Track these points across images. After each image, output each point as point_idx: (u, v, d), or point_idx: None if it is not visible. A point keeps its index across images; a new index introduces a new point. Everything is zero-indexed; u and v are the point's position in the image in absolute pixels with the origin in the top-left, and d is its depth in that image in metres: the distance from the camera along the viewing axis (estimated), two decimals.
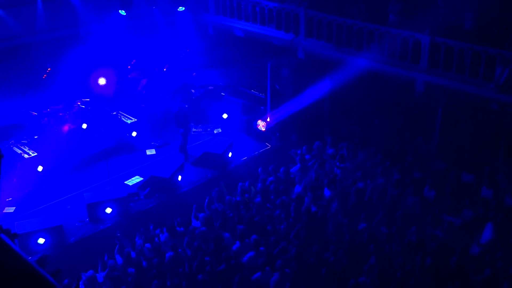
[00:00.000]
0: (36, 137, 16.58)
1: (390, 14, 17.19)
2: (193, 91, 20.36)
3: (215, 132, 19.36)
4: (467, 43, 14.74)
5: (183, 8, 19.99)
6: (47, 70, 18.66)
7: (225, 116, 19.58)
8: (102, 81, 18.71)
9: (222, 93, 20.91)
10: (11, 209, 14.43)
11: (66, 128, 17.07)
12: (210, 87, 20.86)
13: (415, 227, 12.90)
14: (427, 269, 11.48)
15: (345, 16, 17.24)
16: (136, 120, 18.48)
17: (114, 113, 18.65)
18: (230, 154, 17.41)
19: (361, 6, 17.87)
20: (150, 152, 17.89)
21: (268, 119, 18.89)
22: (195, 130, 19.39)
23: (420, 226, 13.02)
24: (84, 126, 17.49)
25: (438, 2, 16.37)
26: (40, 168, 15.61)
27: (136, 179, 16.23)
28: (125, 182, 16.07)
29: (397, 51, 16.10)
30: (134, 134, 18.13)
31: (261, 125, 18.83)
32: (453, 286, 11.06)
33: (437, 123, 16.23)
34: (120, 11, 18.57)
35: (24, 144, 16.27)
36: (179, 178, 15.97)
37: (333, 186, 14.71)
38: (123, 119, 18.54)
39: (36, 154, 15.85)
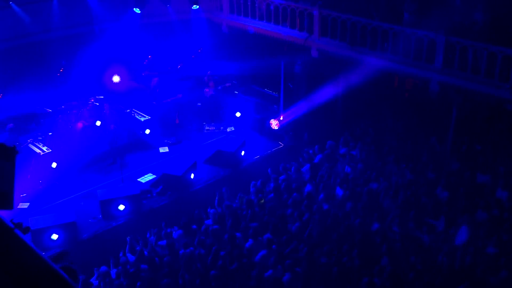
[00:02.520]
0: (50, 133, 16.67)
1: (405, 13, 17.10)
2: (207, 90, 20.39)
3: (228, 130, 19.37)
4: (482, 43, 14.63)
5: (197, 7, 20.02)
6: (62, 67, 18.77)
7: (238, 114, 19.60)
8: (116, 78, 18.80)
9: (236, 92, 20.93)
10: (25, 205, 14.54)
11: (80, 125, 17.16)
12: (228, 84, 20.88)
13: (426, 227, 12.86)
14: (440, 269, 11.42)
15: (362, 15, 17.16)
16: (149, 117, 18.54)
17: (128, 110, 18.71)
18: (243, 153, 17.42)
19: (379, 5, 17.80)
20: (163, 149, 17.95)
21: (281, 118, 18.89)
22: (208, 128, 19.43)
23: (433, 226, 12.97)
24: (98, 123, 17.57)
25: (454, 1, 16.26)
26: (54, 165, 15.71)
27: (149, 177, 16.29)
28: (138, 180, 16.13)
29: (411, 51, 16.01)
30: (147, 131, 18.19)
31: (274, 123, 18.83)
32: (466, 287, 10.98)
33: (451, 123, 16.13)
34: (134, 9, 18.64)
35: (38, 141, 16.37)
36: (192, 176, 16.00)
37: (346, 185, 14.67)
38: (137, 116, 18.61)
39: (50, 150, 15.94)
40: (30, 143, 16.06)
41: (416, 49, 15.91)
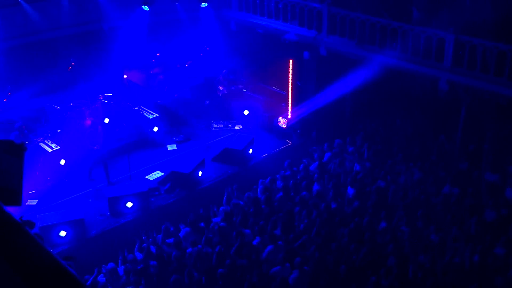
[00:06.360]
0: (59, 131, 16.73)
1: (414, 11, 17.02)
2: (221, 88, 20.40)
3: (236, 128, 19.37)
4: (492, 41, 14.54)
5: (206, 4, 20.02)
6: (71, 64, 18.81)
7: (246, 112, 19.59)
8: (124, 76, 18.83)
9: (244, 90, 20.92)
10: (33, 202, 14.60)
11: (88, 122, 17.20)
12: (239, 85, 20.88)
13: (434, 226, 12.83)
14: (448, 268, 11.39)
15: (371, 13, 17.09)
16: (157, 115, 18.56)
17: (136, 108, 18.75)
18: (250, 151, 17.42)
19: (389, 3, 17.73)
20: (171, 147, 17.98)
21: (289, 116, 18.87)
22: (216, 126, 19.44)
23: (441, 225, 12.93)
24: (106, 120, 17.61)
25: (464, 0, 16.18)
26: (62, 162, 15.76)
27: (157, 174, 16.31)
28: (146, 177, 16.16)
29: (420, 49, 15.94)
30: (155, 129, 18.21)
31: (282, 122, 18.82)
32: (474, 286, 10.94)
33: (460, 122, 16.06)
34: (143, 6, 18.65)
35: (47, 138, 16.42)
36: (200, 173, 16.02)
37: (355, 184, 14.65)
38: (145, 114, 18.63)
39: (58, 147, 15.99)
40: (39, 142, 16.11)
41: (425, 48, 15.84)
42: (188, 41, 20.89)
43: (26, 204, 14.28)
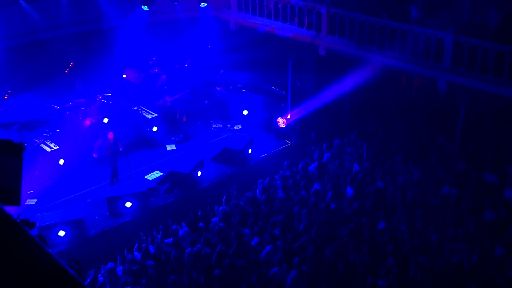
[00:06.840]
0: (58, 130, 16.72)
1: (413, 10, 17.02)
2: (218, 88, 20.39)
3: (235, 128, 19.37)
4: (491, 42, 14.54)
5: (205, 4, 20.02)
6: (70, 64, 18.81)
7: (245, 112, 19.59)
8: (123, 76, 18.81)
9: (243, 90, 20.93)
10: (32, 202, 14.58)
11: (87, 122, 17.19)
12: (238, 85, 20.88)
13: (434, 227, 12.84)
14: (447, 269, 11.39)
15: (370, 13, 17.07)
16: (156, 115, 18.55)
17: (135, 108, 18.73)
18: (250, 151, 17.41)
19: (388, 4, 17.73)
20: (170, 147, 17.97)
21: (289, 116, 18.87)
22: (215, 126, 19.44)
23: (440, 226, 12.93)
24: (106, 120, 17.60)
25: (463, 1, 16.17)
26: (61, 162, 15.74)
27: (156, 174, 16.31)
28: (145, 177, 16.15)
29: (420, 50, 15.94)
30: (154, 129, 18.20)
31: (282, 122, 18.82)
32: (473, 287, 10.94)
33: (459, 122, 16.07)
34: (142, 6, 18.65)
35: (46, 138, 16.41)
36: (199, 173, 16.01)
37: (354, 184, 14.64)
38: (144, 114, 18.62)
39: (58, 147, 15.98)
40: (39, 143, 16.09)
41: (424, 48, 15.84)
42: (187, 41, 20.89)
43: (25, 203, 14.27)
